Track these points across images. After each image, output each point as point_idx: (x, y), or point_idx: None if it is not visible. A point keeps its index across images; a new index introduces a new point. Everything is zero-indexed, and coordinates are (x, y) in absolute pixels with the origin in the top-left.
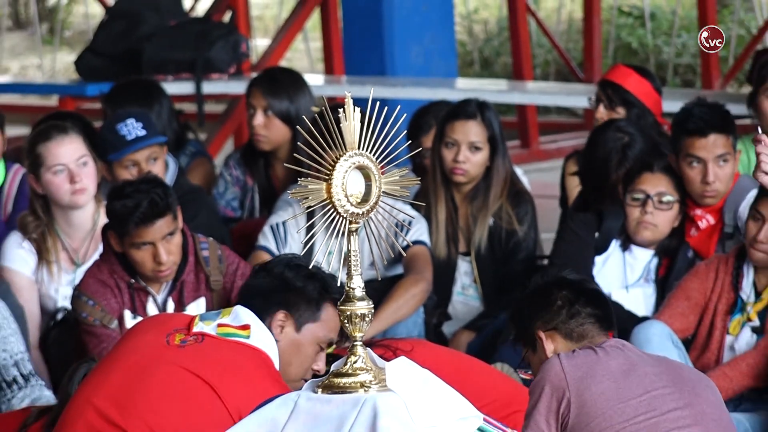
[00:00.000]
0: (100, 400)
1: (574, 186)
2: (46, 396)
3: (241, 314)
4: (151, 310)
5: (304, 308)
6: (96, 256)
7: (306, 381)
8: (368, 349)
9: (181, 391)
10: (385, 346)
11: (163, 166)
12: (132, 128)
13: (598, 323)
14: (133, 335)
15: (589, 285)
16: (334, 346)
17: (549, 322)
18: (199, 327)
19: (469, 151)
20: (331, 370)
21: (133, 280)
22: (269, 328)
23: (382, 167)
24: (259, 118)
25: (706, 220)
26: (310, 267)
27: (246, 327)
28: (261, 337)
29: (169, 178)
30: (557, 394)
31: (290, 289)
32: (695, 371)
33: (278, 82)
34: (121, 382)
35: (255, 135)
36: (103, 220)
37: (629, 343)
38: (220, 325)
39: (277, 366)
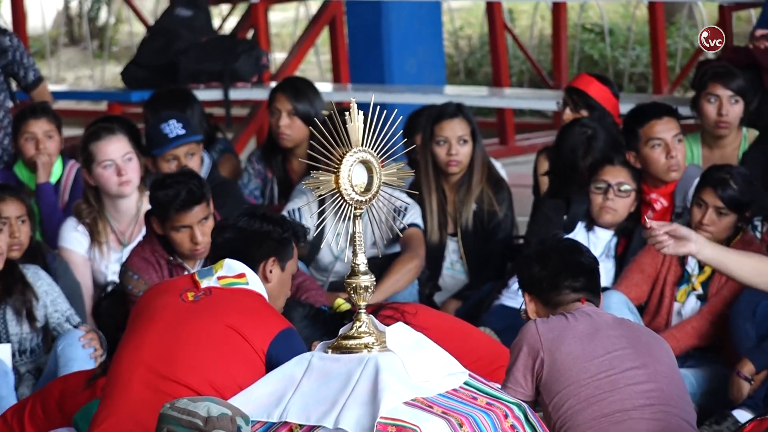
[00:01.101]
0: (148, 356)
1: (543, 179)
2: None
3: (233, 265)
4: None
5: (284, 250)
6: (140, 238)
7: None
8: (371, 315)
9: (213, 338)
10: (394, 308)
11: (199, 161)
12: (173, 128)
13: (574, 293)
14: (149, 302)
15: (575, 257)
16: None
17: (532, 288)
18: (205, 283)
19: (458, 144)
20: (339, 333)
21: (171, 258)
22: (263, 273)
23: (382, 161)
24: (284, 120)
25: (660, 203)
26: (269, 212)
27: (242, 275)
28: (255, 281)
29: (204, 172)
30: (533, 354)
31: (272, 238)
32: (652, 334)
33: (300, 89)
34: (158, 342)
35: (280, 134)
36: (145, 206)
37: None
38: (220, 278)
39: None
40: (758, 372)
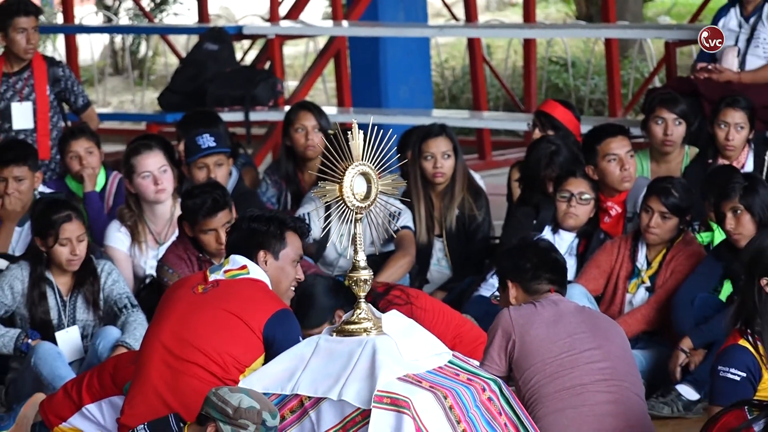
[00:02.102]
0: (165, 340)
1: (516, 188)
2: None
3: (237, 259)
4: None
5: (274, 242)
6: (173, 238)
7: (293, 289)
8: (369, 304)
9: (216, 323)
10: (401, 289)
11: (226, 171)
12: (206, 140)
13: (549, 284)
14: (169, 296)
15: (552, 255)
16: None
17: (516, 276)
18: (213, 277)
19: (443, 159)
20: (342, 319)
21: (201, 255)
22: (260, 263)
23: (378, 173)
24: (312, 134)
25: (615, 209)
26: (264, 212)
27: (244, 267)
28: (256, 270)
29: (231, 183)
30: (506, 336)
31: (260, 233)
32: (608, 320)
33: (319, 109)
34: (173, 329)
35: (308, 146)
36: (179, 211)
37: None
38: (226, 271)
39: (270, 288)
40: (696, 348)
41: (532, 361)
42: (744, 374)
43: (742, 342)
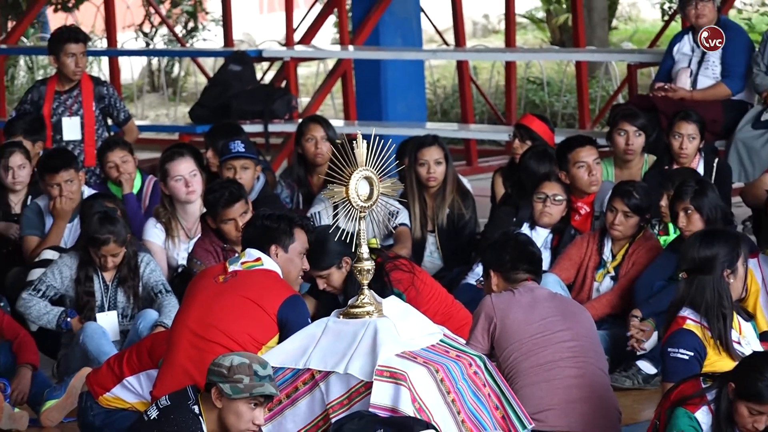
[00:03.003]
0: (191, 324)
1: (498, 191)
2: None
3: (252, 252)
4: None
5: (284, 237)
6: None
7: (301, 278)
8: (371, 290)
9: (236, 308)
10: (409, 260)
11: (251, 175)
12: (236, 145)
13: (526, 274)
14: (194, 284)
15: (530, 248)
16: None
17: (498, 267)
18: (231, 268)
19: (435, 165)
20: (348, 304)
21: (225, 246)
22: (270, 257)
23: (380, 177)
24: (321, 143)
25: (584, 209)
26: (275, 211)
27: (258, 259)
28: (269, 262)
29: (258, 186)
30: (488, 319)
31: (271, 230)
32: (577, 304)
33: (327, 122)
34: (198, 313)
35: (318, 154)
36: None
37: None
38: (243, 263)
39: (281, 277)
40: (644, 317)
41: (511, 341)
42: (692, 353)
43: (687, 326)
